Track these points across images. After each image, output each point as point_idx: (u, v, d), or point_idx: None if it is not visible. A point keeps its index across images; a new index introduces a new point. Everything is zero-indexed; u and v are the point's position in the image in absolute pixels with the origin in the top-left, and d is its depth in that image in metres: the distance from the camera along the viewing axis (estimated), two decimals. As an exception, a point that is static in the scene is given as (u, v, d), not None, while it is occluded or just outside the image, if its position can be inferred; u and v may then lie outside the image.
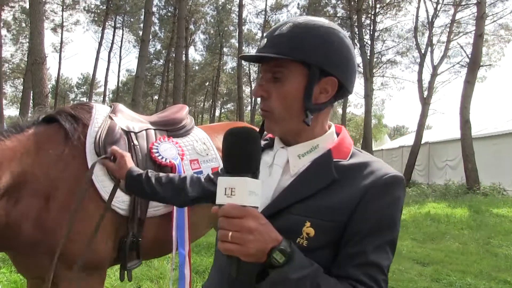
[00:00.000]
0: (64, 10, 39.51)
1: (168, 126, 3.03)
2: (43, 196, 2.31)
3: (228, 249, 1.07)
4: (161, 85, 40.24)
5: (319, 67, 1.27)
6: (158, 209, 2.69)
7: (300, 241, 1.23)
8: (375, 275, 1.20)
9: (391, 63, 34.34)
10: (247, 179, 1.09)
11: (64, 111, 2.62)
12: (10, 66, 44.66)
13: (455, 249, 7.75)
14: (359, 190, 1.24)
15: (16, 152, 2.29)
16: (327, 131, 1.40)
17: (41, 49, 10.07)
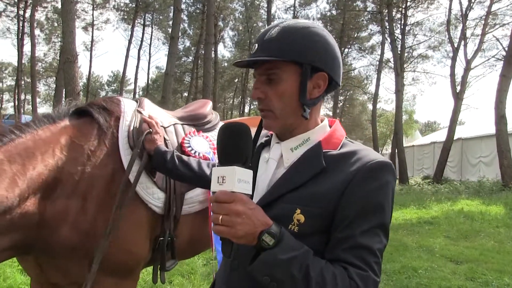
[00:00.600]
0: (95, 9, 40.28)
1: (195, 121, 3.01)
2: (79, 195, 2.19)
3: (218, 230, 1.18)
4: (190, 82, 40.57)
5: (310, 64, 1.39)
6: (193, 206, 2.64)
7: (291, 227, 1.31)
8: (366, 257, 1.25)
9: (422, 58, 33.77)
10: (235, 168, 1.19)
11: (96, 103, 2.54)
12: (43, 65, 45.91)
13: (490, 247, 7.56)
14: (346, 176, 1.31)
15: (49, 144, 2.17)
16: (319, 125, 1.49)
17: (72, 47, 10.31)
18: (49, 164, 2.10)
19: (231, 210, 1.16)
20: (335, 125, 1.52)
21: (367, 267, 1.24)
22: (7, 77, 61.30)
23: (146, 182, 2.39)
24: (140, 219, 2.39)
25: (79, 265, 2.19)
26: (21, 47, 34.38)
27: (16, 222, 1.95)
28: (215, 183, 1.22)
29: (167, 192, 2.47)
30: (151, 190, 2.41)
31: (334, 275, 1.20)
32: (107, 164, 2.32)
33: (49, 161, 2.11)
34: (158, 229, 2.48)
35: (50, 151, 2.14)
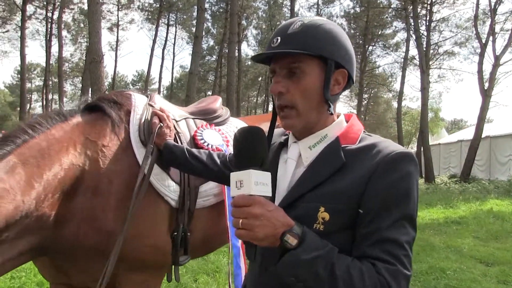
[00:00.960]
0: (120, 9, 40.82)
1: (206, 115, 3.00)
2: (96, 192, 2.16)
3: (239, 234, 1.19)
4: (214, 80, 40.76)
5: (334, 60, 1.38)
6: (207, 199, 2.60)
7: (316, 226, 1.30)
8: (393, 251, 1.22)
9: (448, 55, 33.32)
10: (252, 171, 1.20)
11: (106, 98, 2.50)
12: (70, 65, 46.64)
13: (523, 249, 7.33)
14: (368, 169, 1.29)
15: (63, 143, 2.12)
16: (335, 121, 1.47)
17: (98, 48, 10.41)
18: (64, 164, 2.07)
19: (250, 213, 1.17)
20: (352, 120, 1.50)
21: (395, 261, 1.21)
22: (36, 77, 62.50)
23: (161, 174, 2.36)
24: (160, 212, 2.36)
25: (101, 262, 2.12)
26: (49, 48, 35.09)
27: (33, 225, 1.93)
28: (233, 187, 1.23)
29: (182, 185, 2.44)
30: (167, 182, 2.38)
31: (361, 272, 1.18)
32: (122, 159, 2.30)
33: (64, 161, 2.07)
34: (173, 224, 2.44)
35: (64, 150, 2.10)
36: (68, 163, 2.08)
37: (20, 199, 1.83)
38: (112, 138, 2.32)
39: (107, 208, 2.16)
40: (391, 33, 37.74)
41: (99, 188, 2.16)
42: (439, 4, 29.08)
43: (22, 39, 28.58)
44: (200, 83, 41.83)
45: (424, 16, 28.36)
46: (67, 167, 2.07)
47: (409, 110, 47.07)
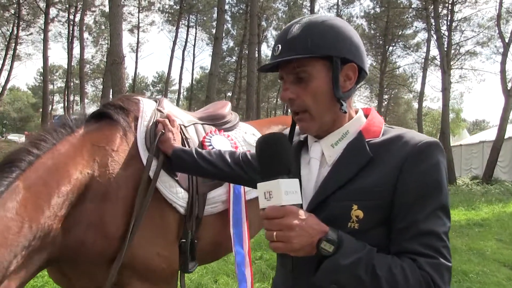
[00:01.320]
0: (140, 11, 41.21)
1: (215, 121, 2.93)
2: (106, 198, 2.12)
3: (275, 247, 1.17)
4: (234, 81, 40.84)
5: (339, 57, 1.34)
6: (215, 206, 2.56)
7: (351, 225, 1.27)
8: (432, 243, 1.21)
9: (470, 55, 32.80)
10: (280, 181, 1.17)
11: (113, 104, 2.45)
12: (91, 67, 47.18)
13: (548, 253, 7.15)
14: (397, 162, 1.26)
15: (71, 157, 2.06)
16: (354, 116, 1.44)
17: (119, 49, 10.48)
18: (72, 176, 2.01)
19: (284, 225, 1.14)
20: (371, 114, 1.47)
21: (436, 254, 1.20)
22: (58, 79, 63.52)
23: (169, 181, 2.32)
24: (167, 220, 2.32)
25: (106, 269, 2.11)
26: (71, 50, 35.69)
27: (43, 244, 1.89)
28: (262, 199, 1.20)
29: (190, 191, 2.39)
30: (175, 189, 2.33)
31: (403, 270, 1.17)
32: (130, 164, 2.26)
33: (72, 172, 2.02)
34: (181, 231, 2.40)
35: (71, 162, 2.04)
36: (76, 174, 2.03)
37: (28, 226, 1.78)
38: (121, 144, 2.28)
39: (115, 213, 2.13)
40: (412, 33, 37.41)
41: (108, 193, 2.13)
42: (460, 3, 28.70)
43: (45, 42, 29.08)
44: (220, 84, 41.94)
45: (445, 16, 28.02)
46: (76, 178, 2.02)
47: (430, 111, 46.65)
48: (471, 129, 64.96)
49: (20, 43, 33.60)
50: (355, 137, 1.39)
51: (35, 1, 31.08)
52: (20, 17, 31.35)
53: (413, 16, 33.45)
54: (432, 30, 26.68)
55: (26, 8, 32.21)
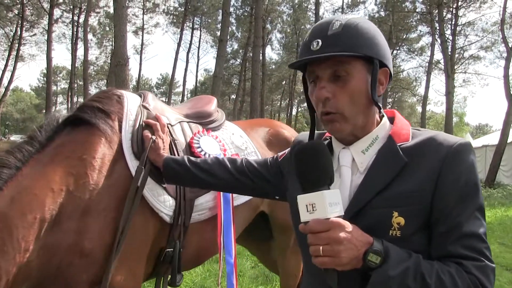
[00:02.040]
0: (145, 13, 41.26)
1: (201, 119, 2.73)
2: (86, 212, 1.89)
3: (322, 262, 1.12)
4: (238, 84, 40.81)
5: (379, 59, 1.32)
6: (202, 213, 2.40)
7: (392, 233, 1.22)
8: (476, 245, 1.19)
9: (474, 59, 32.80)
10: (325, 192, 1.13)
11: (90, 105, 2.16)
12: (95, 68, 47.30)
13: (551, 257, 7.12)
14: (434, 165, 1.23)
15: (39, 178, 1.81)
16: (381, 121, 1.40)
17: (124, 51, 10.53)
18: (44, 201, 1.78)
19: (331, 239, 1.10)
20: (397, 117, 1.44)
21: (480, 256, 1.18)
22: (61, 80, 63.64)
23: (157, 189, 2.14)
24: (147, 231, 2.13)
25: None
26: (75, 51, 35.73)
27: (17, 283, 1.72)
28: (304, 212, 1.15)
29: (177, 198, 2.23)
30: (162, 197, 2.16)
31: (451, 275, 1.14)
32: (115, 172, 2.05)
33: (43, 198, 1.78)
34: (164, 240, 2.23)
35: (42, 185, 1.80)
36: (47, 195, 1.80)
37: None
38: (102, 150, 2.05)
39: (98, 229, 1.91)
40: (416, 37, 37.36)
41: (88, 207, 1.91)
42: (465, 8, 28.74)
43: (49, 43, 29.19)
44: (224, 86, 41.92)
45: (450, 20, 28.05)
46: (47, 199, 1.79)
47: (433, 115, 46.62)
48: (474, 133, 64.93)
49: (23, 43, 33.59)
50: (386, 142, 1.35)
51: (39, 1, 31.07)
52: (23, 18, 31.30)
53: (418, 20, 33.47)
54: (436, 34, 26.72)
55: (30, 9, 32.14)
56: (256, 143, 2.91)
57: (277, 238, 3.15)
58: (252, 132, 3.01)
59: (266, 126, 3.23)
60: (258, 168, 1.80)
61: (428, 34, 32.28)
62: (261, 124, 3.27)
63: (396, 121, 1.42)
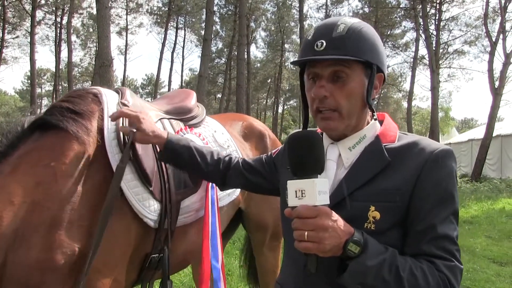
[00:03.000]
0: (128, 13, 41.07)
1: (181, 115, 2.61)
2: (54, 225, 1.73)
3: (306, 247, 1.16)
4: (223, 83, 40.86)
5: (377, 65, 1.40)
6: (189, 216, 2.29)
7: (367, 225, 1.31)
8: (448, 247, 1.27)
9: (458, 54, 32.99)
10: (316, 180, 1.17)
11: (59, 106, 1.96)
12: (79, 70, 46.97)
13: (537, 248, 7.23)
14: (414, 167, 1.32)
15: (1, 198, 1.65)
16: (371, 121, 1.49)
17: (108, 52, 10.43)
18: (3, 221, 1.63)
19: (317, 225, 1.15)
20: (386, 120, 1.52)
21: (451, 257, 1.27)
22: (46, 82, 63.14)
23: (143, 193, 2.01)
24: (129, 238, 2.00)
25: None
26: (59, 53, 35.40)
27: None
28: (293, 197, 1.19)
29: (163, 201, 2.10)
30: (148, 202, 2.03)
31: (423, 271, 1.22)
32: (92, 176, 1.90)
33: (2, 217, 1.63)
34: (149, 245, 2.11)
35: (3, 203, 1.65)
36: (6, 210, 1.65)
37: None
38: (74, 155, 1.86)
39: (69, 241, 1.75)
40: (400, 33, 37.56)
41: (57, 217, 1.75)
42: (448, 3, 28.87)
43: (32, 45, 28.84)
44: (209, 85, 41.91)
45: (433, 15, 28.19)
46: (6, 216, 1.64)
47: (419, 110, 46.99)
48: (460, 127, 65.46)
49: (6, 46, 33.18)
50: (372, 141, 1.44)
51: (20, 3, 30.75)
52: (5, 20, 30.95)
53: (402, 15, 33.63)
54: (420, 30, 26.90)
55: (11, 11, 31.84)
56: (235, 139, 2.89)
57: (253, 235, 3.17)
58: (230, 128, 2.97)
59: (239, 120, 3.22)
60: (254, 164, 1.88)
61: (413, 30, 32.48)
62: (235, 118, 3.26)
63: (385, 122, 1.50)
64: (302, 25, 29.77)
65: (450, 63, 33.65)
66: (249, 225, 3.08)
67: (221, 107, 38.22)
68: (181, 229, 2.27)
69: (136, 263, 2.13)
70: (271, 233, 3.11)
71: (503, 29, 22.02)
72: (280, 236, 3.19)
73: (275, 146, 3.13)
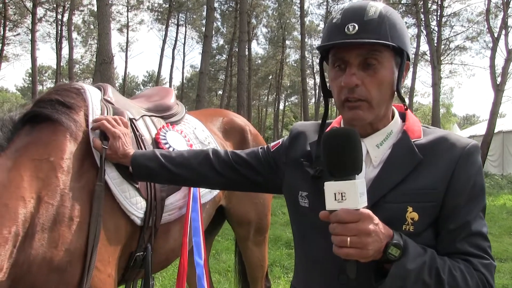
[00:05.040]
0: (129, 10, 41.01)
1: (162, 112, 2.58)
2: (58, 222, 1.70)
3: (348, 253, 1.11)
4: (224, 80, 40.72)
5: (407, 52, 1.34)
6: (172, 213, 2.25)
7: (406, 227, 1.26)
8: (482, 244, 1.26)
9: (460, 50, 32.95)
10: (357, 182, 1.11)
11: (49, 99, 1.93)
12: (80, 67, 47.01)
13: (536, 245, 7.19)
14: (447, 164, 1.28)
15: (7, 186, 1.60)
16: (395, 115, 1.44)
17: (108, 49, 10.50)
18: (16, 212, 1.58)
19: (361, 231, 1.09)
20: (408, 112, 1.46)
21: (486, 254, 1.25)
22: (47, 79, 63.05)
23: (130, 190, 1.98)
24: (119, 237, 1.98)
25: None
26: (60, 50, 35.29)
27: None
28: (331, 200, 1.12)
29: (148, 198, 2.07)
30: (135, 199, 2.00)
31: (461, 271, 1.19)
32: (85, 172, 1.87)
33: (15, 209, 1.58)
34: (134, 244, 2.08)
35: (12, 194, 1.60)
36: (19, 204, 1.60)
37: None
38: (70, 149, 1.85)
39: (72, 238, 1.73)
40: (402, 29, 37.52)
41: (60, 214, 1.72)
42: (449, -2, 28.80)
43: (33, 42, 28.83)
44: (210, 82, 41.87)
45: (435, 11, 28.08)
46: (19, 210, 1.59)
47: (420, 106, 46.86)
48: (461, 123, 65.46)
49: (7, 43, 33.16)
50: (400, 137, 1.38)
51: (21, 1, 30.71)
52: (6, 17, 30.91)
53: (403, 11, 33.48)
54: (422, 26, 26.75)
55: (12, 8, 31.77)
56: (216, 136, 2.85)
57: (236, 231, 3.17)
58: (210, 125, 2.93)
59: (219, 115, 3.18)
60: (247, 159, 1.71)
61: (414, 26, 32.28)
62: (214, 114, 3.22)
63: (408, 117, 1.44)
64: (303, 21, 29.73)
65: (451, 59, 33.61)
66: (232, 221, 3.09)
67: (222, 103, 38.17)
68: (164, 227, 2.23)
69: (121, 262, 2.09)
70: (255, 228, 3.12)
71: (505, 24, 21.93)
72: (264, 231, 3.23)
73: (256, 141, 3.14)
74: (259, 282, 3.31)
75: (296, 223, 1.53)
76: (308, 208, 1.43)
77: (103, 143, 1.90)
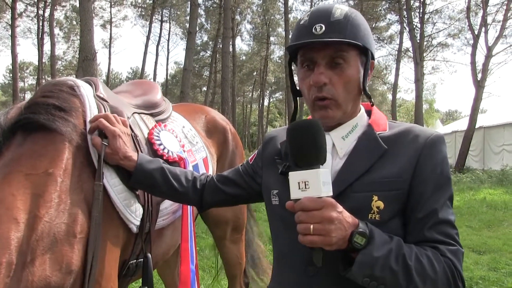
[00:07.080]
0: (112, 6, 40.70)
1: (150, 109, 2.43)
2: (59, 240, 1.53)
3: (311, 241, 1.12)
4: (209, 76, 40.66)
5: (371, 51, 1.39)
6: (166, 218, 2.17)
7: (372, 216, 1.28)
8: (449, 231, 1.28)
9: (442, 46, 33.31)
10: (320, 171, 1.13)
11: (44, 103, 1.71)
12: (63, 63, 46.44)
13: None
14: (411, 154, 1.31)
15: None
16: (361, 110, 1.48)
17: (91, 45, 10.32)
18: (12, 244, 1.37)
19: (323, 218, 1.10)
20: (374, 109, 1.51)
21: (453, 241, 1.27)
22: (29, 76, 62.38)
23: (130, 198, 1.85)
24: (118, 246, 1.86)
25: None
26: (41, 46, 34.80)
27: None
28: (295, 189, 1.15)
29: (145, 204, 1.95)
30: (134, 206, 1.88)
31: (429, 258, 1.21)
32: (84, 183, 1.70)
33: (10, 239, 1.37)
34: (128, 252, 1.95)
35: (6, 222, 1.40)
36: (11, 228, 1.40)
37: None
38: (68, 159, 1.65)
39: (76, 256, 1.58)
40: (385, 26, 37.72)
41: (62, 232, 1.55)
42: (432, -5, 29.06)
43: (13, 38, 28.50)
44: (194, 79, 41.78)
45: (418, 8, 28.27)
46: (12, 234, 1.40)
47: (404, 102, 47.28)
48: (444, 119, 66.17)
49: (-14, 39, 32.79)
50: (365, 130, 1.43)
51: (0, -5, 30.32)
52: (-15, 13, 30.54)
53: (386, 8, 33.74)
54: (404, 22, 26.94)
55: (-10, 3, 31.41)
56: (200, 135, 2.81)
57: (213, 231, 3.18)
58: (194, 123, 2.88)
59: (201, 113, 3.13)
60: (231, 176, 1.77)
61: (397, 23, 32.58)
62: (196, 111, 3.14)
63: (374, 111, 1.50)
64: (287, 17, 29.73)
65: (434, 56, 33.97)
66: (209, 222, 3.08)
67: (206, 100, 38.09)
68: (157, 232, 2.15)
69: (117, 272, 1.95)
70: (232, 227, 3.14)
71: (485, 22, 22.20)
72: (241, 229, 3.26)
73: (235, 141, 3.20)
74: (237, 278, 3.34)
75: (270, 222, 1.55)
76: (278, 206, 1.45)
77: (103, 141, 1.73)
